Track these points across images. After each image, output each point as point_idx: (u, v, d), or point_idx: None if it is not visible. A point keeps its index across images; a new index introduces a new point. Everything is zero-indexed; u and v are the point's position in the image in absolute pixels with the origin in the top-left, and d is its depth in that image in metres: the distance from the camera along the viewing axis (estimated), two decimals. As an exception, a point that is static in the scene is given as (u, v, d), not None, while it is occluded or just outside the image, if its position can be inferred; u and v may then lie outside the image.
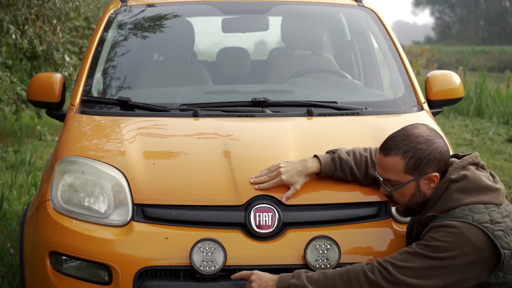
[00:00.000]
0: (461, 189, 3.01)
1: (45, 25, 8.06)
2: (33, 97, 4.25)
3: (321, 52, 5.15)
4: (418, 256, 2.93)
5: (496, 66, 30.47)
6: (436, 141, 3.06)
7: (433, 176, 3.05)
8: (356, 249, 3.24)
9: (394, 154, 3.05)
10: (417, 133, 3.06)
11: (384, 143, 3.11)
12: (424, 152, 3.03)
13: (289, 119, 3.87)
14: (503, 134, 10.82)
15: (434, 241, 2.92)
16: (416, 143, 3.04)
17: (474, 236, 2.90)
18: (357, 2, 4.81)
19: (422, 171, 3.04)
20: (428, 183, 3.06)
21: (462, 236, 2.90)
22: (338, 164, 3.32)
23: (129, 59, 4.63)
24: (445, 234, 2.91)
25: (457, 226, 2.91)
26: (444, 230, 2.92)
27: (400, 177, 3.06)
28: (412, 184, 3.06)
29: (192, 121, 3.83)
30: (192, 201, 3.26)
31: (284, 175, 3.27)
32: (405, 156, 3.03)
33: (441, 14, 65.50)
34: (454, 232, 2.90)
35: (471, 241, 2.90)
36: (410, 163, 3.03)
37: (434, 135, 3.08)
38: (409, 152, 3.03)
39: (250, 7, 4.96)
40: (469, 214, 2.94)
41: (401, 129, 3.12)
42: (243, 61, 5.20)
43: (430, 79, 4.32)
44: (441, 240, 2.91)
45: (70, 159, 3.46)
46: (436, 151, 3.04)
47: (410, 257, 2.94)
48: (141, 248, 3.20)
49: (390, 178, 3.08)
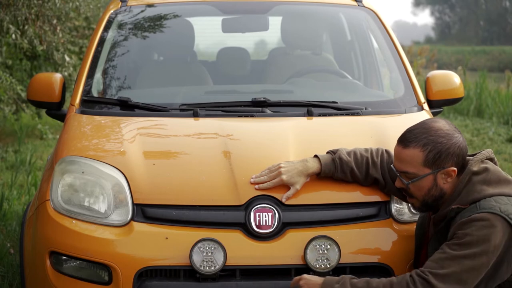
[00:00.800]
0: (484, 181, 3.01)
1: (45, 25, 8.06)
2: (33, 97, 4.25)
3: (321, 52, 5.15)
4: (455, 259, 2.89)
5: (496, 66, 30.46)
6: (456, 135, 3.05)
7: (451, 170, 3.04)
8: (356, 249, 3.24)
9: (413, 147, 3.04)
10: (436, 127, 3.06)
11: (402, 136, 3.10)
12: (443, 146, 3.02)
13: (289, 119, 3.87)
14: (503, 134, 10.82)
15: (468, 236, 2.89)
16: (436, 137, 3.03)
17: (502, 227, 2.89)
18: (357, 2, 4.81)
19: (441, 165, 3.03)
20: (445, 177, 3.05)
21: (493, 227, 2.88)
22: (338, 165, 3.31)
23: (129, 59, 4.63)
24: (477, 228, 2.88)
25: (487, 218, 2.89)
26: (476, 224, 2.89)
27: (418, 169, 3.05)
28: (430, 177, 3.05)
29: (192, 121, 3.83)
30: (192, 201, 3.26)
31: (285, 175, 3.27)
32: (425, 149, 3.02)
33: (441, 14, 65.50)
34: (485, 224, 2.88)
35: (501, 231, 2.89)
36: (430, 156, 3.02)
37: (453, 130, 3.07)
38: (428, 145, 3.02)
39: (250, 7, 4.96)
40: (496, 205, 2.93)
41: (420, 123, 3.11)
42: (243, 61, 5.21)
43: (430, 79, 4.32)
44: (474, 234, 2.88)
45: (70, 159, 3.46)
46: (455, 146, 3.03)
47: (448, 263, 2.90)
48: (141, 248, 3.20)
49: (407, 171, 3.07)
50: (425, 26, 74.13)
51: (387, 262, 3.24)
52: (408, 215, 3.37)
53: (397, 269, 3.24)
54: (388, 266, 3.25)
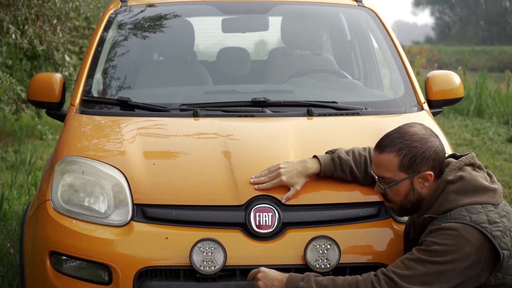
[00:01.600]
0: (458, 190, 3.01)
1: (45, 25, 8.06)
2: (33, 97, 4.25)
3: (321, 52, 5.15)
4: (420, 262, 2.92)
5: (496, 66, 30.44)
6: (431, 140, 3.06)
7: (427, 174, 3.05)
8: (356, 249, 3.24)
9: (388, 151, 3.06)
10: (412, 132, 3.07)
11: (379, 141, 3.12)
12: (418, 150, 3.03)
13: (289, 119, 3.87)
14: (503, 134, 10.82)
15: (435, 245, 2.91)
16: (411, 141, 3.04)
17: (472, 237, 2.90)
18: (357, 2, 4.81)
19: (416, 169, 3.04)
20: (422, 181, 3.06)
21: (461, 237, 2.89)
22: (338, 164, 3.32)
23: (129, 59, 4.64)
24: (444, 237, 2.91)
25: (455, 227, 2.91)
26: (443, 233, 2.92)
27: (394, 174, 3.06)
28: (406, 182, 3.06)
29: (192, 121, 3.83)
30: (192, 201, 3.26)
31: (284, 176, 3.27)
32: (400, 154, 3.04)
33: (441, 14, 65.48)
34: (453, 234, 2.90)
35: (470, 242, 2.89)
36: (404, 161, 3.04)
37: (429, 134, 3.08)
38: (403, 150, 3.04)
39: (250, 7, 4.96)
40: (466, 215, 2.93)
41: (397, 128, 3.13)
42: (243, 61, 5.21)
43: (430, 79, 4.33)
44: (441, 243, 2.90)
45: (70, 159, 3.46)
46: (430, 150, 3.04)
47: (412, 264, 2.93)
48: (141, 248, 3.20)
49: (384, 176, 3.09)
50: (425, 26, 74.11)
51: (387, 262, 3.23)
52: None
53: (397, 269, 3.24)
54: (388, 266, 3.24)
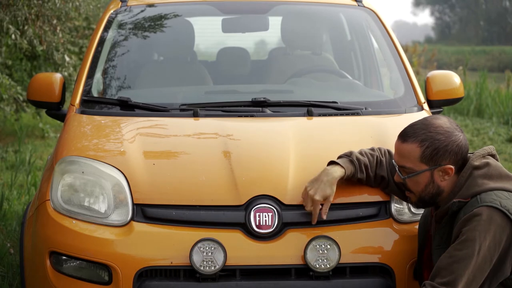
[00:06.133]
0: (485, 175, 3.00)
1: (45, 25, 8.06)
2: (33, 97, 4.25)
3: (321, 52, 5.15)
4: (462, 262, 2.88)
5: (496, 66, 30.43)
6: (456, 134, 3.04)
7: (448, 168, 3.03)
8: (356, 249, 3.24)
9: (411, 142, 3.04)
10: (437, 124, 3.05)
11: (403, 130, 3.10)
12: (441, 143, 3.02)
13: (289, 119, 3.87)
14: (503, 134, 10.82)
15: (470, 232, 2.88)
16: (435, 133, 3.03)
17: (502, 222, 2.88)
18: (357, 2, 4.81)
19: (438, 161, 3.03)
20: (442, 175, 3.05)
21: (494, 221, 2.88)
22: (357, 165, 3.29)
23: (129, 59, 4.63)
24: (479, 223, 2.88)
25: (487, 213, 2.88)
26: (477, 219, 2.88)
27: (415, 165, 3.05)
28: (426, 174, 3.05)
29: (192, 121, 3.83)
30: (192, 201, 3.27)
31: (317, 195, 3.22)
32: (422, 145, 3.02)
33: (441, 14, 65.47)
34: (486, 219, 2.88)
35: (501, 226, 2.88)
36: (426, 152, 3.02)
37: (454, 128, 3.06)
38: (426, 141, 3.02)
39: (250, 7, 4.96)
40: (496, 198, 2.92)
41: (422, 119, 3.12)
42: (243, 61, 5.20)
43: (430, 79, 4.32)
44: (476, 230, 2.87)
45: (70, 159, 3.46)
46: (453, 144, 3.02)
47: (456, 266, 2.88)
48: (141, 248, 3.20)
49: (405, 165, 3.07)
50: (425, 26, 74.11)
51: (387, 262, 3.24)
52: (408, 215, 3.37)
53: (397, 269, 3.25)
54: (388, 266, 3.25)
